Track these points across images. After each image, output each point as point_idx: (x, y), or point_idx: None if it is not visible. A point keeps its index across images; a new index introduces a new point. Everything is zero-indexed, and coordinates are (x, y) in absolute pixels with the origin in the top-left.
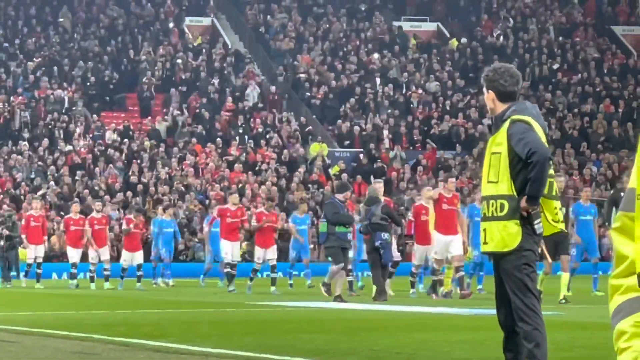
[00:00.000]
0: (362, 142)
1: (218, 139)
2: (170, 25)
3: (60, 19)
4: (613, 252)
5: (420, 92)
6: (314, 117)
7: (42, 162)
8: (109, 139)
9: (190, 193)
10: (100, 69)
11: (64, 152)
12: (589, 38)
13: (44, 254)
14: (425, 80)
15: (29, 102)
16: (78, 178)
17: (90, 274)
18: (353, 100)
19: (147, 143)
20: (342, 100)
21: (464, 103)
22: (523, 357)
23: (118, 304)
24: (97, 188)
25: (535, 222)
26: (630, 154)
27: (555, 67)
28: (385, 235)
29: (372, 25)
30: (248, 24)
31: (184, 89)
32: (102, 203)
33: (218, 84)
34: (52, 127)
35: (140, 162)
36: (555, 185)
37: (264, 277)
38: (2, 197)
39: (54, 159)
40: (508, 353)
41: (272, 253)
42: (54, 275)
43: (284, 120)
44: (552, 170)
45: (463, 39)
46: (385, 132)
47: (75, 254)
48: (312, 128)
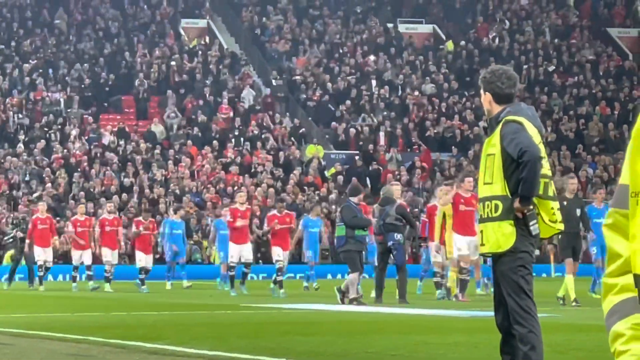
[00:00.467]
0: (357, 144)
1: (214, 141)
2: (166, 27)
3: (56, 21)
4: (606, 250)
5: (416, 94)
6: (310, 119)
7: (37, 165)
8: (105, 141)
9: (186, 195)
10: (96, 71)
11: (60, 154)
12: (585, 40)
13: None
14: (421, 83)
15: (25, 104)
16: (74, 180)
17: (106, 275)
18: (349, 102)
19: (142, 145)
20: (338, 102)
21: (460, 105)
22: (519, 359)
23: (114, 306)
24: (92, 190)
25: (531, 223)
26: None
27: (551, 69)
28: (398, 236)
29: (367, 28)
30: (244, 26)
31: (180, 91)
32: (113, 204)
33: (214, 86)
34: (47, 129)
35: (136, 164)
36: (552, 186)
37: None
38: None
39: (50, 161)
40: (504, 355)
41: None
42: (50, 277)
43: (280, 123)
44: (548, 171)
45: (459, 41)
46: (381, 134)
47: (86, 256)
48: (307, 130)
